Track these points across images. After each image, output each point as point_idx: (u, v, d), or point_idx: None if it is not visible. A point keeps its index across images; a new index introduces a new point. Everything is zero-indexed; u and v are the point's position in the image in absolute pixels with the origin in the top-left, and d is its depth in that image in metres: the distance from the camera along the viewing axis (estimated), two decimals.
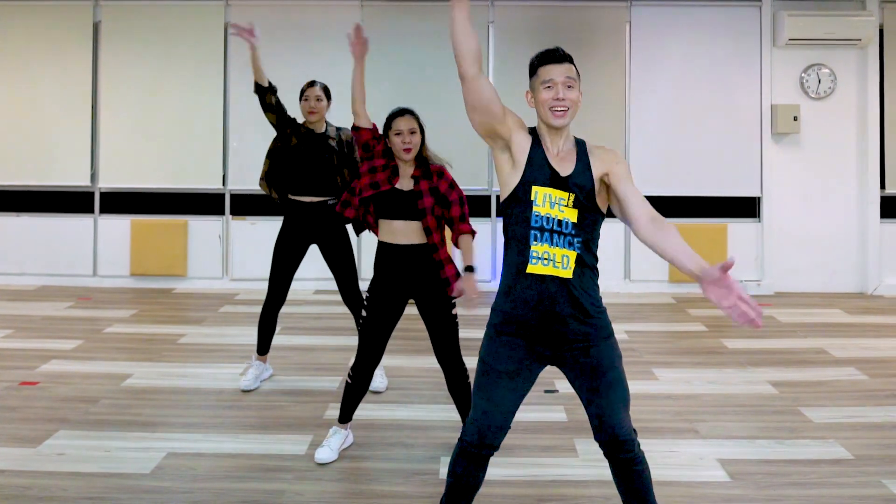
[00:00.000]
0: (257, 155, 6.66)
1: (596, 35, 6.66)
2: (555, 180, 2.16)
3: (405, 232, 3.00)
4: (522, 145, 2.21)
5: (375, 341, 3.04)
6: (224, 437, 3.32)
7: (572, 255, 2.14)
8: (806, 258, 6.62)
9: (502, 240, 2.26)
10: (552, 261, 2.13)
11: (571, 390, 3.25)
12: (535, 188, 2.16)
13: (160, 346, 4.72)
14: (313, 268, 6.55)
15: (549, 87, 2.18)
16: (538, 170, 2.17)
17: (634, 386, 4.01)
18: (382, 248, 3.05)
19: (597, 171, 2.19)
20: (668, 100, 6.66)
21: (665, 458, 3.11)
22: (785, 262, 6.62)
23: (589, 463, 3.06)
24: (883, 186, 6.60)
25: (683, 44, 6.67)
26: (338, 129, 3.99)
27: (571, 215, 2.14)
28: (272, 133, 6.86)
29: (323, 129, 3.96)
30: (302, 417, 3.56)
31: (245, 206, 6.73)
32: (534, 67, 2.25)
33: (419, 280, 3.02)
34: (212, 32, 6.68)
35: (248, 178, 6.65)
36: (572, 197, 2.15)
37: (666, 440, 3.31)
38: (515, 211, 2.19)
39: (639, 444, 2.21)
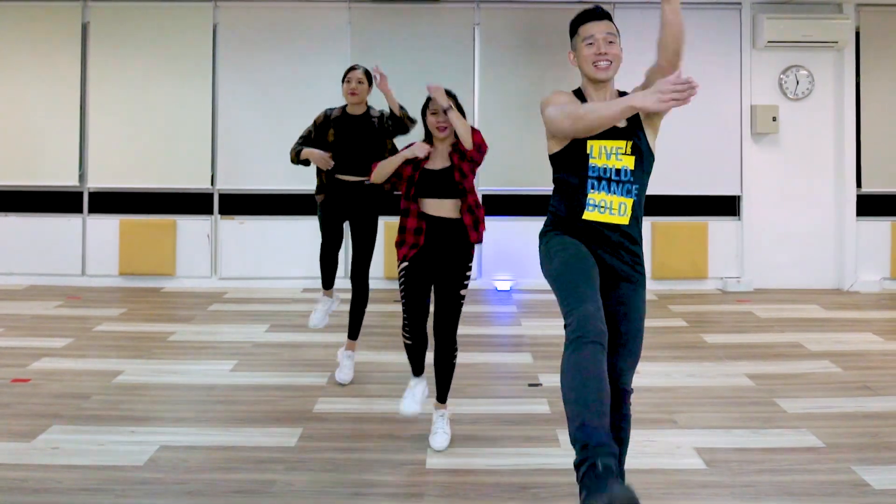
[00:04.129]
0: (245, 155, 6.74)
1: None
2: (609, 131, 2.20)
3: (437, 207, 3.18)
4: None
5: (417, 299, 3.20)
6: (215, 430, 3.40)
7: (629, 202, 2.22)
8: (784, 255, 6.76)
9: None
10: (609, 208, 2.22)
11: (554, 384, 3.36)
12: (589, 142, 2.22)
13: (150, 344, 4.78)
14: (300, 267, 6.64)
15: (590, 43, 2.27)
16: None
17: None
18: (421, 217, 3.20)
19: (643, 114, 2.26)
20: None
21: (644, 448, 3.22)
22: (764, 258, 6.76)
23: (570, 452, 3.12)
24: (859, 185, 6.76)
25: None
26: (381, 111, 4.09)
27: (629, 162, 2.23)
28: (262, 133, 6.92)
29: (362, 112, 4.06)
30: (291, 411, 3.64)
31: (233, 205, 6.79)
32: (574, 27, 2.33)
33: (446, 250, 3.17)
34: (200, 33, 6.72)
35: (236, 177, 6.72)
36: (629, 144, 2.23)
37: (645, 430, 3.40)
38: (569, 162, 2.25)
39: (630, 403, 2.33)
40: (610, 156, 2.21)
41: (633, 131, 2.25)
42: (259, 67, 6.75)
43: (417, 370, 3.35)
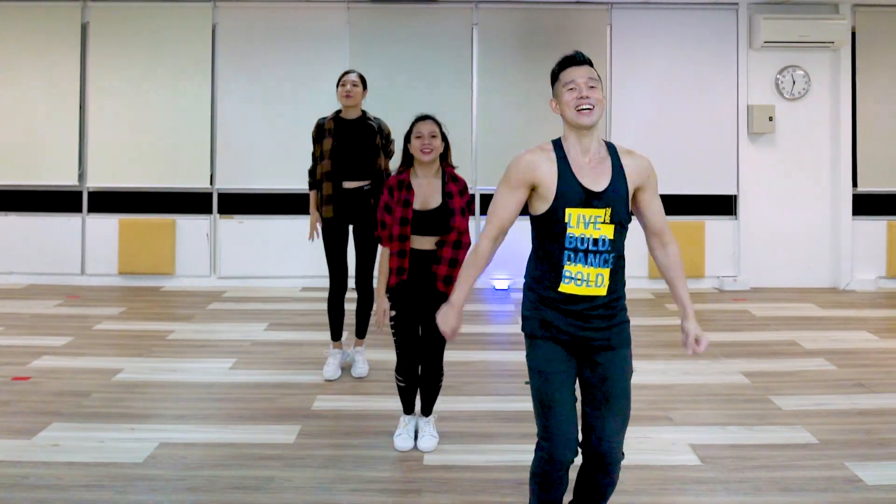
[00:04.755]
0: (244, 154, 6.76)
1: (577, 37, 6.80)
2: (589, 199, 2.14)
3: (422, 241, 3.11)
4: (548, 174, 2.19)
5: (408, 337, 3.14)
6: (215, 427, 3.42)
7: (606, 272, 2.16)
8: (781, 254, 6.80)
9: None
10: (585, 281, 2.15)
11: None
12: (568, 210, 2.14)
13: (150, 342, 4.81)
14: (300, 266, 6.67)
15: (571, 88, 2.19)
16: (570, 191, 2.15)
17: None
18: (402, 255, 3.11)
19: (632, 182, 2.21)
20: (647, 101, 6.81)
21: (639, 444, 3.25)
22: (760, 258, 6.80)
23: None
24: (855, 185, 6.79)
25: (662, 46, 6.83)
26: (377, 119, 4.11)
27: (608, 231, 2.15)
28: (261, 133, 6.96)
29: (358, 116, 4.07)
30: (290, 408, 3.66)
31: (232, 204, 6.81)
32: (555, 74, 2.28)
33: (429, 281, 3.11)
34: (199, 33, 6.74)
35: (235, 177, 6.74)
36: (609, 212, 2.14)
37: (640, 427, 3.44)
38: (548, 230, 2.18)
39: (620, 469, 2.27)
40: (588, 225, 2.14)
41: (617, 198, 2.16)
42: (258, 67, 6.77)
43: (408, 408, 3.30)
